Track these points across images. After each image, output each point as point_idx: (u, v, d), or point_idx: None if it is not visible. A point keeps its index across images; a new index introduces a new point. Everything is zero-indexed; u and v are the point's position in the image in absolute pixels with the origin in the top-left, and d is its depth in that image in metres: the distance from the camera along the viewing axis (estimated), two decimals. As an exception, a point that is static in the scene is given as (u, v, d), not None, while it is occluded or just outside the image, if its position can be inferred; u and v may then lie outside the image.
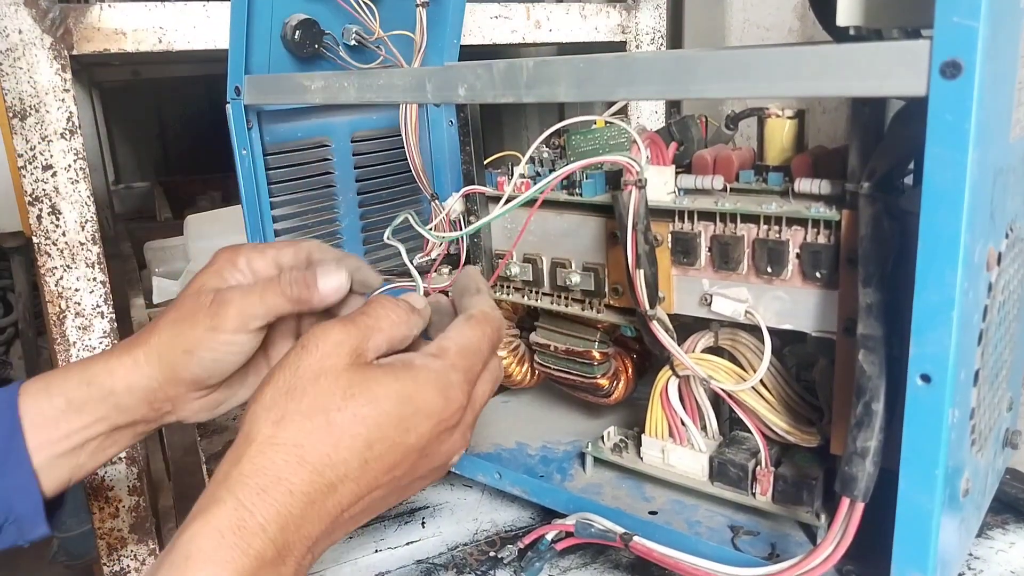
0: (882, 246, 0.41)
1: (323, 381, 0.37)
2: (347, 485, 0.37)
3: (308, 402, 0.37)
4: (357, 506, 0.38)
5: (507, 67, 0.47)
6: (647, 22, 1.46)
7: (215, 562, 0.33)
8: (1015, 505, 0.58)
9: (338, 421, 0.37)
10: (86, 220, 1.05)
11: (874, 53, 0.34)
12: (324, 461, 0.36)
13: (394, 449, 0.38)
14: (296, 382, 0.38)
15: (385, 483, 0.38)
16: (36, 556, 1.73)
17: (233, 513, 0.34)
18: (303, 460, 0.36)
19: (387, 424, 0.37)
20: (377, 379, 0.38)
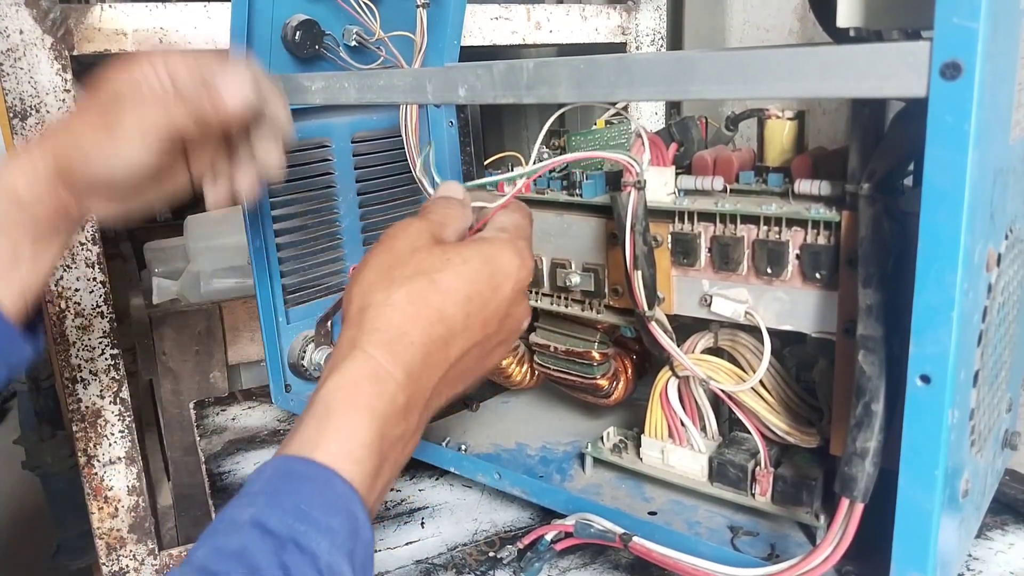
0: (882, 247, 0.41)
1: (419, 253, 0.42)
2: (455, 338, 0.41)
3: (412, 268, 0.41)
4: (462, 361, 0.42)
5: (507, 68, 0.47)
6: (647, 23, 1.46)
7: (355, 408, 0.36)
8: (1014, 506, 0.58)
9: (442, 280, 0.41)
10: (86, 220, 1.05)
11: (874, 54, 0.34)
12: (435, 316, 0.40)
13: (487, 305, 0.42)
14: (394, 259, 0.42)
15: (481, 340, 0.43)
16: (36, 556, 1.73)
17: (365, 364, 0.38)
18: (419, 316, 0.39)
19: (480, 280, 0.42)
20: (464, 246, 0.43)
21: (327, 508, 0.34)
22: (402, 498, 0.67)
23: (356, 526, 0.34)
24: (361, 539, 0.35)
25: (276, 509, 0.33)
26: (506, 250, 0.44)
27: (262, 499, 0.34)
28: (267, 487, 0.35)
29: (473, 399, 0.74)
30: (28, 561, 1.84)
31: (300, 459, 0.35)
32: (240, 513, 0.33)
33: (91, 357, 1.10)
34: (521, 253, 0.44)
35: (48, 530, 1.64)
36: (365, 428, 0.36)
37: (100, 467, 1.14)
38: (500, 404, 0.74)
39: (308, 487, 0.34)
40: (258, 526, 0.33)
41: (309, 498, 0.34)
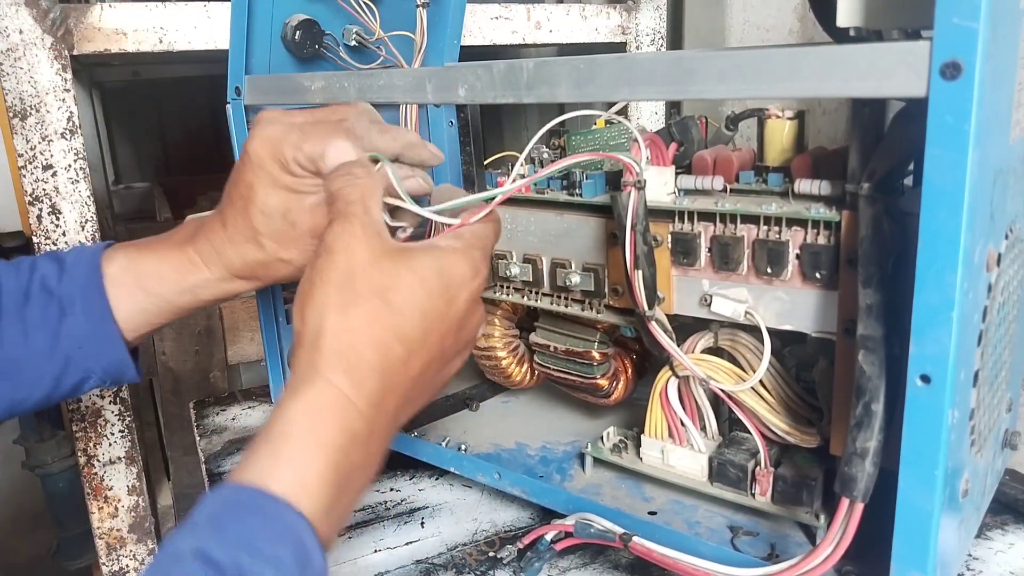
0: (882, 247, 0.41)
1: (370, 269, 0.40)
2: (414, 357, 0.40)
3: (365, 287, 0.40)
4: (423, 377, 0.42)
5: (507, 68, 0.47)
6: (647, 23, 1.46)
7: (314, 439, 0.36)
8: (1014, 506, 0.58)
9: (395, 300, 0.40)
10: (86, 220, 1.05)
11: (874, 54, 0.34)
12: (392, 336, 0.39)
13: (443, 319, 0.42)
14: (346, 276, 0.40)
15: (439, 354, 0.42)
16: (36, 556, 1.73)
17: (325, 391, 0.37)
18: (376, 338, 0.39)
19: (435, 295, 0.41)
20: (416, 258, 0.42)
21: (275, 539, 0.33)
22: (402, 498, 0.67)
23: (306, 556, 0.34)
24: (312, 567, 0.34)
25: (220, 539, 0.32)
26: (460, 261, 0.43)
27: (206, 529, 0.33)
28: (212, 517, 0.34)
29: (473, 399, 0.74)
30: (28, 561, 1.83)
31: (250, 489, 0.34)
32: (183, 544, 0.33)
33: (91, 357, 1.10)
34: (475, 263, 0.44)
35: (48, 530, 1.64)
36: (322, 461, 0.36)
37: (100, 467, 1.14)
38: (500, 404, 0.74)
39: (255, 517, 0.34)
40: (201, 557, 0.32)
41: (256, 529, 0.33)
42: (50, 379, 0.52)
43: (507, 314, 0.67)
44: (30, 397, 0.52)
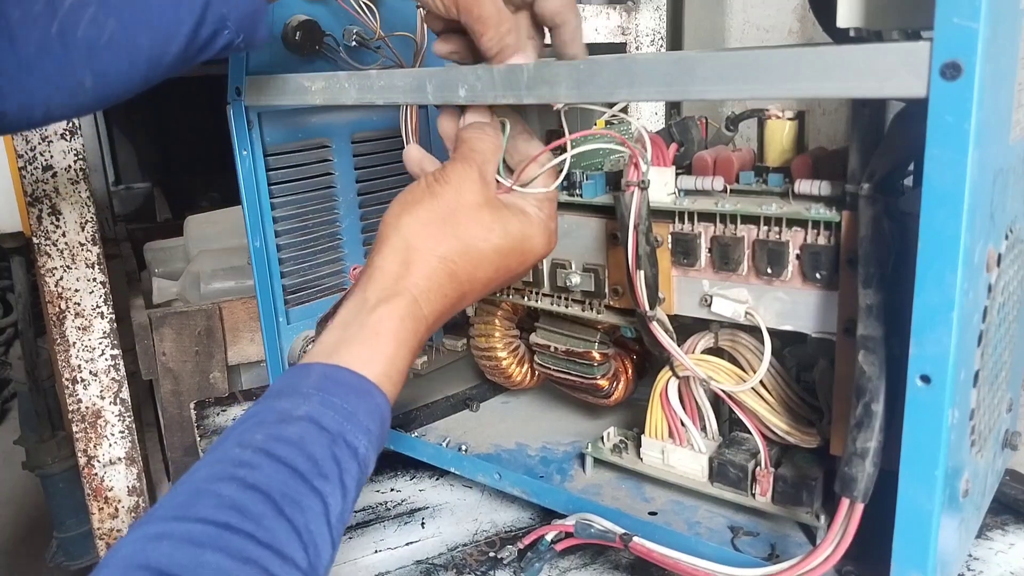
0: (882, 247, 0.41)
1: (470, 213, 0.47)
2: (473, 295, 0.49)
3: (461, 230, 0.47)
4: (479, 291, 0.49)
5: (507, 68, 0.47)
6: (647, 23, 1.46)
7: (397, 339, 0.44)
8: (1014, 506, 0.58)
9: (482, 249, 0.47)
10: (86, 220, 1.05)
11: (874, 54, 0.34)
12: (467, 278, 0.47)
13: (507, 272, 0.49)
14: (449, 212, 0.47)
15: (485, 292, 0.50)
16: (36, 556, 1.73)
17: (410, 307, 0.45)
18: (454, 275, 0.47)
19: (513, 256, 0.49)
20: (507, 219, 0.48)
21: (368, 414, 0.41)
22: (402, 498, 0.67)
23: (384, 429, 0.43)
24: (384, 436, 0.43)
25: (329, 409, 0.40)
26: (541, 234, 0.50)
27: (316, 398, 0.40)
28: (320, 389, 0.41)
29: (473, 399, 0.74)
30: (28, 561, 1.83)
31: (351, 372, 0.42)
32: (295, 408, 0.39)
33: (91, 357, 1.10)
34: (551, 236, 0.51)
35: (48, 530, 1.64)
36: (403, 358, 0.44)
37: (100, 467, 1.14)
38: (500, 404, 0.74)
39: (355, 394, 0.41)
40: (314, 422, 0.39)
41: (356, 404, 0.41)
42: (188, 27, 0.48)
43: (507, 314, 0.67)
44: (167, 52, 0.48)
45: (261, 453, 0.37)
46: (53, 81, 0.46)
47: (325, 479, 0.38)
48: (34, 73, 0.45)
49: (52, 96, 0.47)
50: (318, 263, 0.79)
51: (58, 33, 0.45)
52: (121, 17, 0.47)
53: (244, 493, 0.35)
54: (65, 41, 0.45)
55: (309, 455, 0.38)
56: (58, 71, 0.46)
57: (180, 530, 0.33)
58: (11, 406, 2.65)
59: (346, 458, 0.39)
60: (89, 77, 0.47)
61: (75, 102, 0.48)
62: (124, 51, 0.47)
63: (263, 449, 0.37)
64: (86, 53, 0.46)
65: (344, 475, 0.39)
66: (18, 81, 0.45)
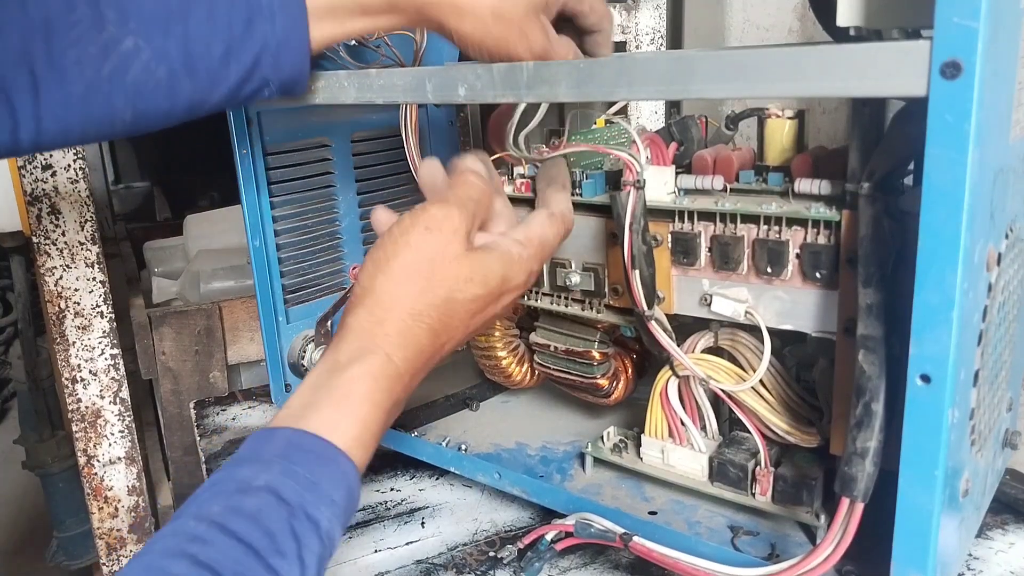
0: (882, 246, 0.41)
1: (450, 265, 0.45)
2: (452, 344, 0.47)
3: (437, 282, 0.45)
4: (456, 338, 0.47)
5: (507, 67, 0.47)
6: (647, 22, 1.46)
7: (370, 400, 0.42)
8: (1014, 506, 0.58)
9: (459, 299, 0.45)
10: (86, 220, 1.05)
11: (874, 53, 0.34)
12: (444, 329, 0.45)
13: (483, 310, 0.47)
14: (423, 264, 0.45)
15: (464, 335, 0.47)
16: (36, 556, 1.73)
17: (385, 364, 0.43)
18: (430, 328, 0.44)
19: (489, 298, 0.46)
20: (488, 266, 0.46)
21: (334, 483, 0.39)
22: (402, 498, 0.67)
23: (352, 499, 0.40)
24: (351, 508, 0.41)
25: (289, 479, 0.37)
26: (521, 272, 0.48)
27: (277, 467, 0.38)
28: (282, 457, 0.38)
29: (473, 399, 0.74)
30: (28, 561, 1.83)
31: (317, 438, 0.40)
32: (254, 477, 0.37)
33: (90, 357, 1.10)
34: (532, 272, 0.49)
35: (48, 530, 1.64)
36: (377, 420, 0.42)
37: (100, 467, 1.14)
38: (500, 404, 0.74)
39: (319, 464, 0.39)
40: (273, 493, 0.37)
41: (319, 473, 0.38)
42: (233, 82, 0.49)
43: (507, 314, 0.67)
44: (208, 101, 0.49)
45: (215, 527, 0.35)
46: (95, 116, 0.47)
47: (282, 556, 0.35)
48: (79, 109, 0.46)
49: (90, 127, 0.47)
50: (318, 263, 0.79)
51: (108, 75, 0.46)
52: (172, 67, 0.47)
53: (193, 571, 0.33)
54: (113, 83, 0.46)
55: (266, 530, 0.35)
56: (102, 109, 0.47)
57: None
58: (11, 406, 2.65)
59: (306, 533, 0.37)
60: (130, 114, 0.48)
61: (111, 132, 0.49)
62: (168, 95, 0.48)
63: (217, 523, 0.35)
64: (132, 95, 0.47)
65: (303, 551, 0.36)
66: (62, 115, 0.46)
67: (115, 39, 0.45)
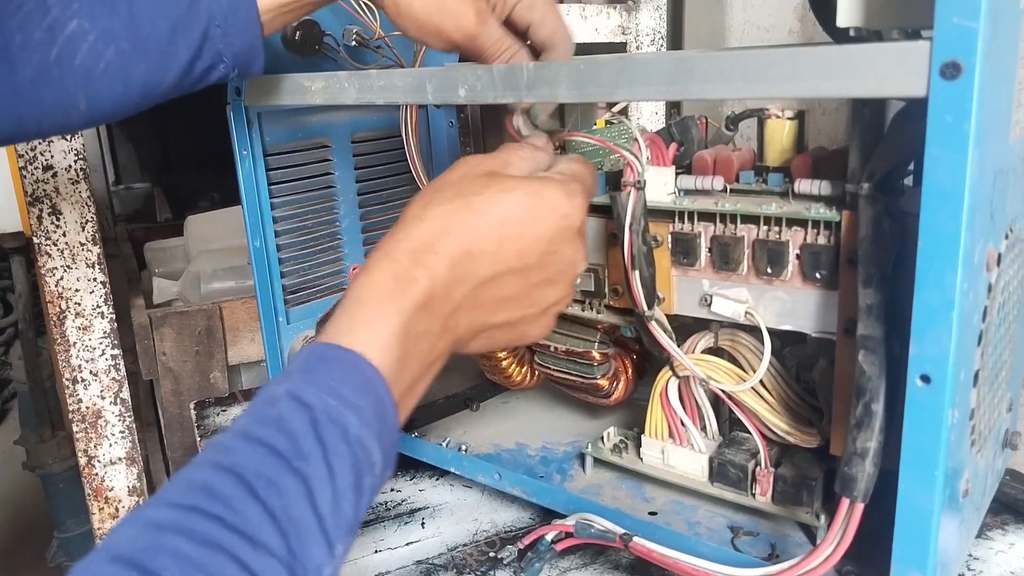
0: (882, 247, 0.41)
1: (466, 180, 0.43)
2: (484, 257, 0.41)
3: (452, 191, 0.42)
4: (495, 286, 0.42)
5: (507, 68, 0.47)
6: (647, 23, 1.46)
7: (381, 302, 0.39)
8: (1014, 506, 0.58)
9: (476, 201, 0.41)
10: (86, 220, 1.06)
11: (874, 54, 0.34)
12: (463, 232, 0.41)
13: (524, 234, 0.42)
14: (442, 183, 0.43)
15: (518, 269, 0.42)
16: (36, 556, 1.73)
17: (389, 266, 0.40)
18: (446, 229, 0.40)
19: (519, 208, 0.42)
20: (511, 178, 0.43)
21: (356, 389, 0.36)
22: (402, 498, 0.67)
23: (383, 410, 0.37)
24: (388, 424, 0.37)
25: (310, 385, 0.35)
26: (554, 187, 0.43)
27: (297, 376, 0.36)
28: (303, 367, 0.37)
29: (473, 399, 0.74)
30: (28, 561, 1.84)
31: (332, 345, 0.37)
32: (277, 388, 0.36)
33: (91, 357, 1.10)
34: (571, 193, 0.44)
35: (48, 530, 1.64)
36: (390, 318, 0.38)
37: (100, 467, 1.14)
38: (500, 404, 0.74)
39: (339, 368, 0.36)
40: (294, 399, 0.35)
41: (340, 378, 0.36)
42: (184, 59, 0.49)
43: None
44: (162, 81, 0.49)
45: (239, 436, 0.34)
46: (48, 104, 0.47)
47: (305, 460, 0.33)
48: (30, 96, 0.46)
49: (44, 117, 0.47)
50: (318, 263, 0.79)
51: (56, 59, 0.46)
52: (119, 47, 0.47)
53: (215, 475, 0.32)
54: (63, 67, 0.46)
55: (288, 433, 0.34)
56: (53, 95, 0.47)
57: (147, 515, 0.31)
58: (11, 406, 2.65)
59: (332, 437, 0.34)
60: (83, 100, 0.48)
61: (67, 122, 0.48)
62: (120, 78, 0.48)
63: (242, 432, 0.34)
64: (83, 79, 0.47)
65: (329, 455, 0.34)
66: (13, 104, 0.46)
67: (60, 22, 0.45)
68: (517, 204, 0.42)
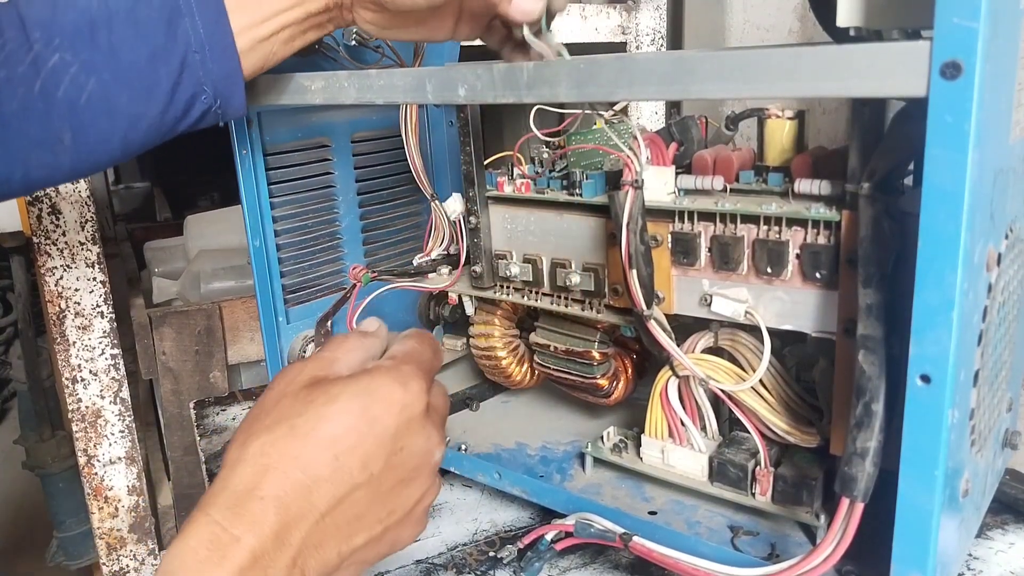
0: (882, 247, 0.41)
1: (284, 400, 0.39)
2: (321, 485, 0.37)
3: (271, 418, 0.38)
4: (340, 511, 0.38)
5: (507, 68, 0.47)
6: (647, 23, 1.46)
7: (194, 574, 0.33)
8: (1014, 506, 0.58)
9: (300, 425, 0.37)
10: (86, 220, 1.05)
11: (874, 54, 0.34)
12: (291, 464, 0.36)
13: (363, 440, 0.38)
14: (260, 409, 0.39)
15: (364, 482, 0.38)
16: (36, 556, 1.73)
17: (204, 529, 0.34)
18: (268, 467, 0.36)
19: (350, 415, 0.38)
20: (333, 383, 0.39)
21: None
22: (402, 498, 0.67)
23: None
24: None
25: None
26: (384, 378, 0.40)
27: None
28: None
29: (473, 399, 0.74)
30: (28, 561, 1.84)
31: None
32: None
33: (91, 357, 1.10)
34: (404, 379, 0.40)
35: (48, 530, 1.64)
36: None
37: (100, 467, 1.14)
38: (500, 404, 0.74)
39: None
40: None
41: None
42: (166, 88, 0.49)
43: (507, 314, 0.67)
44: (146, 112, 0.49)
45: None
46: (33, 138, 0.47)
47: None
48: (15, 131, 0.46)
49: (31, 154, 0.47)
50: (318, 263, 0.79)
51: (40, 92, 0.46)
52: (100, 77, 0.48)
53: None
54: (47, 100, 0.47)
55: None
56: (38, 128, 0.47)
57: None
58: (11, 406, 2.65)
59: None
60: (68, 134, 0.48)
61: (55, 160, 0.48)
62: (103, 109, 0.48)
63: None
64: (66, 111, 0.47)
65: None
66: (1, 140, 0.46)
67: (42, 57, 0.46)
68: (346, 412, 0.38)
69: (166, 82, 0.49)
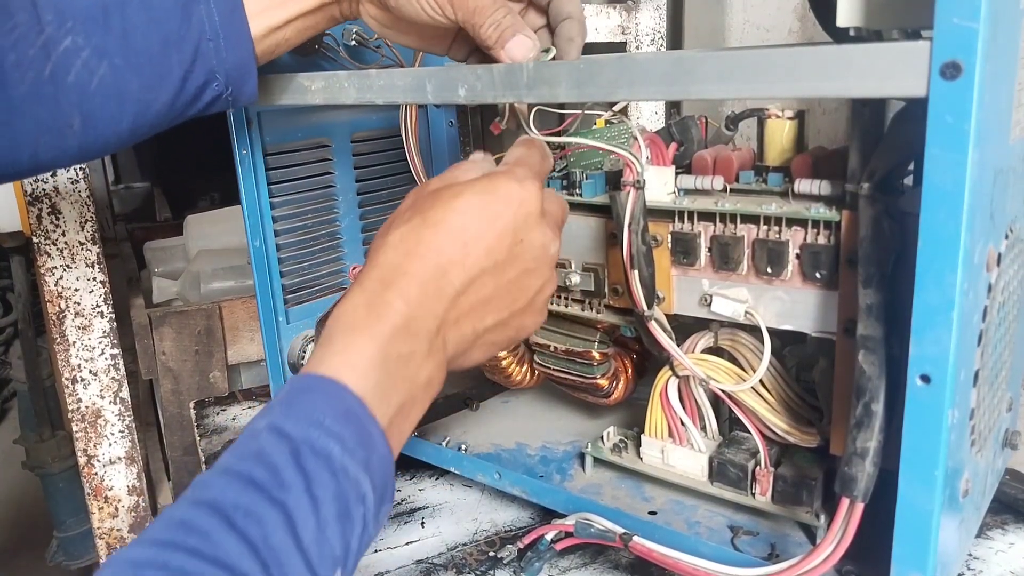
0: (882, 247, 0.41)
1: (418, 200, 0.43)
2: (454, 267, 0.41)
3: (408, 214, 0.43)
4: (475, 289, 0.42)
5: (507, 68, 0.47)
6: (647, 23, 1.46)
7: (353, 330, 0.38)
8: (1014, 506, 0.58)
9: (431, 215, 0.42)
10: (86, 220, 1.05)
11: (874, 54, 0.34)
12: (426, 248, 0.41)
13: (487, 231, 0.42)
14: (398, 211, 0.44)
15: (490, 268, 0.42)
16: (36, 556, 1.73)
17: (360, 295, 0.40)
18: (410, 251, 0.41)
19: (475, 208, 0.42)
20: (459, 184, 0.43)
21: (337, 418, 0.36)
22: (402, 498, 0.67)
23: (367, 438, 0.36)
24: (377, 452, 0.36)
25: (291, 416, 0.35)
26: (501, 179, 0.43)
27: (278, 408, 0.36)
28: (283, 399, 0.36)
29: (473, 399, 0.74)
30: (28, 561, 1.83)
31: (312, 375, 0.37)
32: (258, 422, 0.36)
33: (91, 357, 1.10)
34: (521, 179, 0.44)
35: (48, 530, 1.64)
36: (365, 344, 0.38)
37: (100, 467, 1.14)
38: (500, 404, 0.74)
39: (319, 398, 0.36)
40: (275, 431, 0.35)
41: (321, 407, 0.36)
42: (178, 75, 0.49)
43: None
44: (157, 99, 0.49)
45: (220, 472, 0.34)
46: (42, 122, 0.47)
47: (287, 489, 0.33)
48: (24, 114, 0.46)
49: (40, 138, 0.47)
50: (318, 263, 0.79)
51: (50, 76, 0.46)
52: (112, 62, 0.47)
53: (193, 510, 0.32)
54: (57, 84, 0.46)
55: (268, 465, 0.34)
56: (48, 112, 0.47)
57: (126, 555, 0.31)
58: (11, 406, 2.65)
59: (314, 467, 0.34)
60: (78, 119, 0.48)
61: (63, 144, 0.48)
62: (113, 95, 0.48)
63: (223, 467, 0.34)
64: (76, 96, 0.47)
65: (313, 485, 0.33)
66: (7, 122, 0.46)
67: (54, 40, 0.46)
68: (470, 206, 0.42)
69: (178, 69, 0.49)
